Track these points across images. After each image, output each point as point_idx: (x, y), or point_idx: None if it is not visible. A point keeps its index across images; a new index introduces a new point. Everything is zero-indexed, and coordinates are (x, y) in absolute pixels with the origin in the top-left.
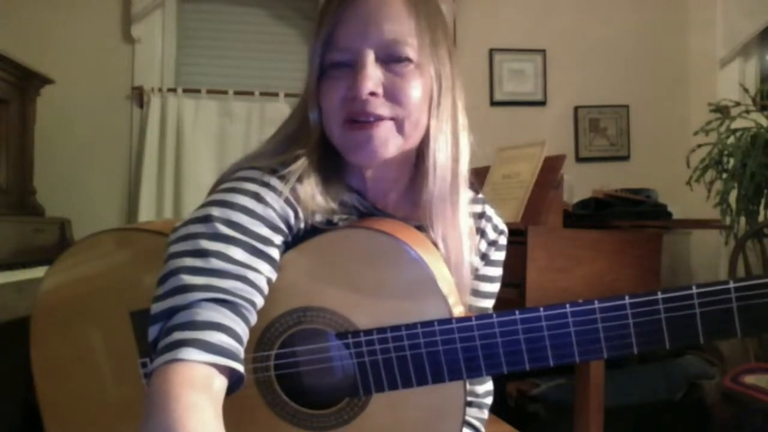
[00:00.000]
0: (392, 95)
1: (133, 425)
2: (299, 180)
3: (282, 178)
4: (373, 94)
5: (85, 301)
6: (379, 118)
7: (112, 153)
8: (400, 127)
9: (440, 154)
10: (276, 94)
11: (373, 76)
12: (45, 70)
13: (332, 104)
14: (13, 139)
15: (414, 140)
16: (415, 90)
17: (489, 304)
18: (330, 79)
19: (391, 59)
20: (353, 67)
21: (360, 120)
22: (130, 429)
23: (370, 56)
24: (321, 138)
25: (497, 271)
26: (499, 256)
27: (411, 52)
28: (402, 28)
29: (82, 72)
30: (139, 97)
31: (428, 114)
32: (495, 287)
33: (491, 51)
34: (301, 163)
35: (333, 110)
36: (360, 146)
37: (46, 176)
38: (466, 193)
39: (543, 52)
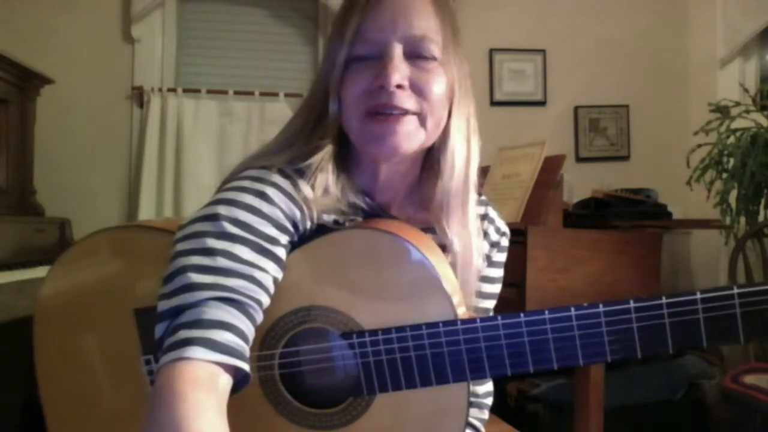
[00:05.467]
0: (418, 89)
1: (136, 424)
2: (313, 175)
3: (290, 177)
4: (399, 86)
5: (87, 300)
6: (405, 112)
7: (112, 153)
8: (423, 123)
9: (458, 153)
10: (276, 94)
11: (401, 69)
12: (45, 70)
13: (355, 95)
14: (13, 139)
15: (433, 138)
16: (439, 86)
17: (490, 304)
18: (353, 71)
19: (417, 55)
20: (380, 60)
21: (384, 113)
22: (133, 428)
23: (399, 49)
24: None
25: (498, 272)
26: (501, 257)
27: (436, 50)
28: (429, 25)
29: (82, 72)
30: (139, 97)
31: (449, 112)
32: (496, 288)
33: (491, 51)
34: (323, 155)
35: (355, 101)
36: (382, 138)
37: (46, 176)
38: (474, 195)
39: (543, 52)
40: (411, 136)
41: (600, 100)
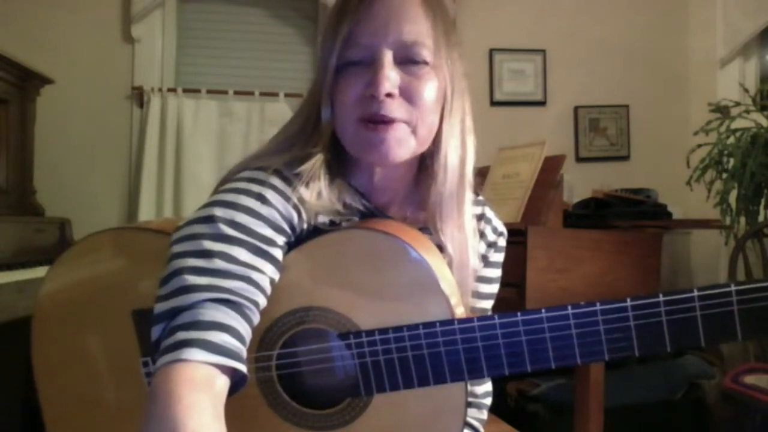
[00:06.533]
0: (408, 96)
1: (134, 425)
2: (307, 181)
3: (286, 179)
4: (389, 95)
5: (86, 301)
6: (395, 120)
7: (112, 153)
8: (414, 130)
9: (451, 155)
10: (276, 94)
11: (391, 77)
12: (45, 70)
13: (347, 101)
14: (13, 139)
15: (426, 144)
16: (430, 92)
17: (488, 305)
18: (346, 76)
19: (408, 61)
20: (371, 66)
21: (375, 120)
22: (132, 428)
23: (389, 56)
24: (331, 137)
25: (496, 273)
26: (498, 257)
27: (428, 54)
28: (420, 29)
29: (82, 72)
30: (139, 97)
31: (441, 116)
32: (494, 288)
33: (491, 51)
34: (314, 163)
35: (347, 108)
36: (374, 146)
37: (46, 176)
38: (470, 195)
39: (543, 52)
40: (402, 144)
41: (600, 100)
